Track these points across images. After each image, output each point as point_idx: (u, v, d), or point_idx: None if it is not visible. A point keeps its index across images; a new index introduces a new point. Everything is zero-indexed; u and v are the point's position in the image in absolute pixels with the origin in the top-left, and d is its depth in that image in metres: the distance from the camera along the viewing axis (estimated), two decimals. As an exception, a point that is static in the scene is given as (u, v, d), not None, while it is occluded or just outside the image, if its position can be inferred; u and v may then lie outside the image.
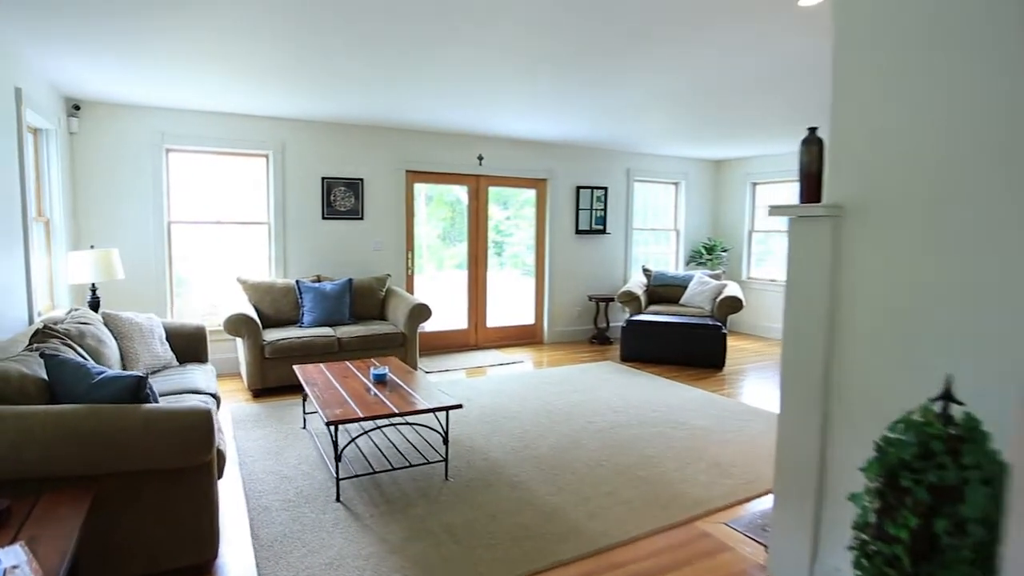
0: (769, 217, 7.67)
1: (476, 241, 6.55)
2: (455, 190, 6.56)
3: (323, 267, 5.61)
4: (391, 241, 5.93)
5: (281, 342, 4.49)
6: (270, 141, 5.28)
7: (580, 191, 7.08)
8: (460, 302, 6.66)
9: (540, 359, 6.16)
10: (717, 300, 6.41)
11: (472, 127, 5.73)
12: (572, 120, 5.31)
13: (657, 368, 5.81)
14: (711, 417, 4.22)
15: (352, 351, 4.81)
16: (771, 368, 5.88)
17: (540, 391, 4.80)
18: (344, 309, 5.10)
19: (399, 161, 5.89)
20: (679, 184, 8.06)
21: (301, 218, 5.47)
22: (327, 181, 5.53)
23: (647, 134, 6.05)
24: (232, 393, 4.64)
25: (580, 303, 7.28)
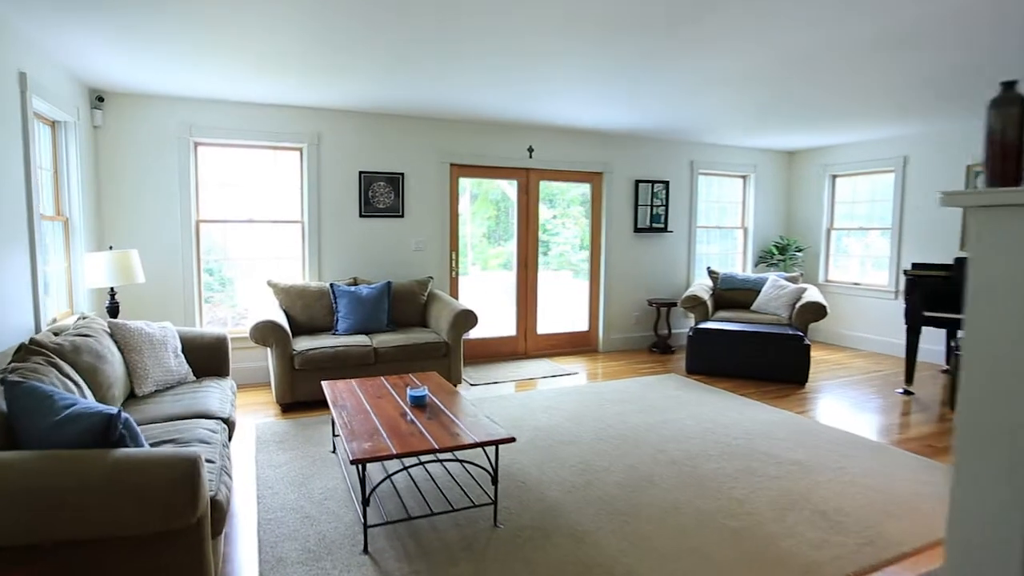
0: (849, 214, 6.85)
1: (526, 240, 6.02)
2: (501, 185, 6.05)
3: (360, 269, 5.20)
4: (434, 240, 5.47)
5: (312, 352, 4.07)
6: (304, 133, 4.89)
7: (639, 185, 6.45)
8: (507, 307, 6.14)
9: (595, 370, 5.57)
10: (796, 306, 5.68)
11: (521, 115, 5.20)
12: (635, 105, 4.71)
13: (728, 383, 5.14)
14: (804, 447, 3.55)
15: (390, 362, 4.36)
16: (861, 384, 5.11)
17: (599, 409, 4.22)
18: (382, 315, 4.66)
19: (442, 154, 5.42)
20: (747, 177, 7.32)
21: (337, 216, 5.07)
22: (365, 176, 5.11)
23: (716, 121, 5.38)
24: (259, 407, 4.25)
25: (639, 308, 6.65)
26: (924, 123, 5.56)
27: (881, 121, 5.49)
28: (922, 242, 6.17)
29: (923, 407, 4.49)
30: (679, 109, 4.88)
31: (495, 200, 6.05)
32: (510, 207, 6.06)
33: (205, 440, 2.25)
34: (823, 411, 4.37)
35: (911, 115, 5.22)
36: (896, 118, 5.36)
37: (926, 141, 6.09)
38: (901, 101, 4.67)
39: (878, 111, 5.05)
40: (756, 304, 6.11)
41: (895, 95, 4.46)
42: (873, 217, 6.76)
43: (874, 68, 3.74)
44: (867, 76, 3.92)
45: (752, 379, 5.28)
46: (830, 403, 4.58)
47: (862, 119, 5.39)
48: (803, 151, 7.35)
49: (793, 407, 4.46)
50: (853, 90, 4.28)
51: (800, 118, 5.26)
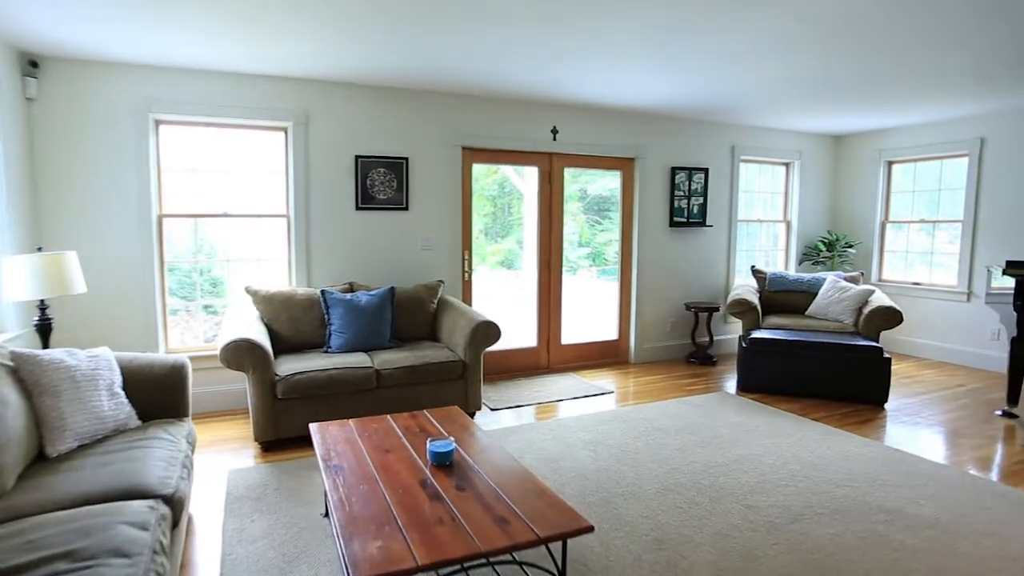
0: (908, 205, 6.04)
1: (549, 237, 5.21)
2: (506, 173, 5.24)
3: (357, 272, 4.38)
4: (443, 237, 4.65)
5: (299, 377, 3.26)
6: (290, 110, 4.07)
7: (675, 173, 5.65)
8: (519, 311, 5.33)
9: (632, 388, 4.77)
10: (864, 311, 4.90)
11: (545, 89, 4.38)
12: (673, 76, 3.89)
13: (792, 403, 4.35)
14: (928, 498, 2.76)
15: (394, 387, 3.55)
16: (947, 403, 4.33)
17: (654, 443, 3.43)
18: (384, 328, 3.85)
19: (453, 135, 4.60)
20: (791, 165, 6.53)
21: (329, 209, 4.25)
22: (362, 161, 4.29)
23: (762, 96, 4.55)
24: (235, 445, 3.43)
25: (675, 313, 5.85)
26: (1005, 98, 4.77)
27: (952, 97, 4.68)
28: (1002, 237, 5.38)
29: (1042, 435, 3.71)
30: (725, 79, 4.06)
31: (491, 197, 5.22)
32: (515, 200, 5.25)
33: (123, 551, 1.44)
34: (922, 442, 3.58)
35: (991, 89, 4.43)
36: (972, 93, 4.56)
37: (1008, 119, 5.30)
38: (982, 72, 3.87)
39: (951, 84, 4.25)
40: (813, 308, 5.32)
41: (976, 64, 3.66)
42: (938, 208, 5.97)
43: (952, 29, 2.95)
44: (944, 38, 3.12)
45: (819, 398, 4.49)
46: (924, 431, 3.80)
47: (929, 94, 4.59)
48: (853, 135, 6.56)
49: (884, 437, 3.67)
50: (924, 58, 3.49)
51: (858, 92, 4.43)
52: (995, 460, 3.31)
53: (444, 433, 2.41)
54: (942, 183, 5.94)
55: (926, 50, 3.39)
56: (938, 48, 3.36)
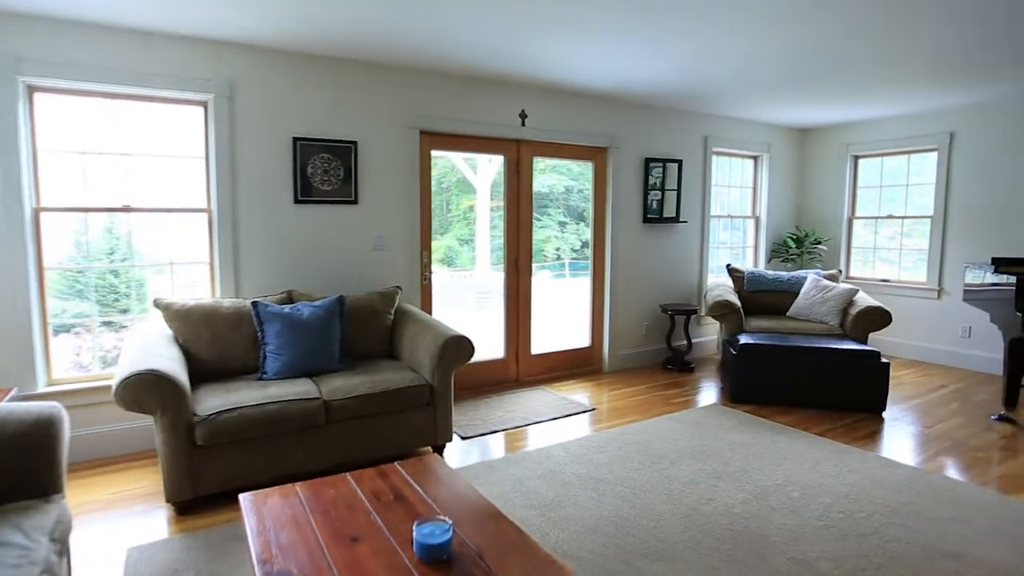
0: (875, 200, 5.86)
1: (516, 234, 4.65)
2: (454, 161, 4.66)
3: (297, 279, 3.66)
4: (399, 236, 3.99)
5: (225, 416, 2.54)
6: (211, 79, 3.30)
7: (650, 165, 5.21)
8: (484, 318, 4.76)
9: (612, 402, 4.29)
10: (852, 312, 4.63)
11: (511, 66, 3.81)
12: (660, 50, 3.42)
13: (788, 415, 3.99)
14: (990, 534, 2.41)
15: (348, 421, 2.89)
16: (940, 407, 4.09)
17: (660, 476, 2.93)
18: (332, 346, 3.17)
19: (410, 117, 3.95)
20: (759, 159, 6.26)
21: (261, 202, 3.51)
22: (302, 145, 3.57)
23: (737, 80, 4.15)
24: (141, 504, 2.67)
25: (650, 315, 5.43)
26: (976, 92, 4.61)
27: (922, 89, 4.49)
28: (972, 233, 5.27)
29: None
30: (705, 56, 3.62)
31: (438, 176, 4.59)
32: (458, 194, 4.69)
33: None
34: (941, 460, 3.27)
35: (961, 81, 4.25)
36: (941, 86, 4.38)
37: (979, 112, 5.18)
38: (953, 63, 3.68)
39: (921, 75, 4.05)
40: (795, 309, 5.03)
41: (946, 54, 3.46)
42: (906, 204, 5.84)
43: (930, 17, 2.65)
44: (916, 25, 2.86)
45: (815, 408, 4.16)
46: (934, 445, 3.50)
47: (900, 85, 4.37)
48: (819, 128, 6.36)
49: (898, 453, 3.35)
50: (896, 43, 3.27)
51: (830, 75, 4.12)
52: (1014, 473, 3.03)
53: (427, 500, 1.80)
54: (910, 178, 5.81)
55: (898, 35, 3.19)
56: (910, 34, 3.17)
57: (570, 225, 5.42)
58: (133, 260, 3.38)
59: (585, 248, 5.46)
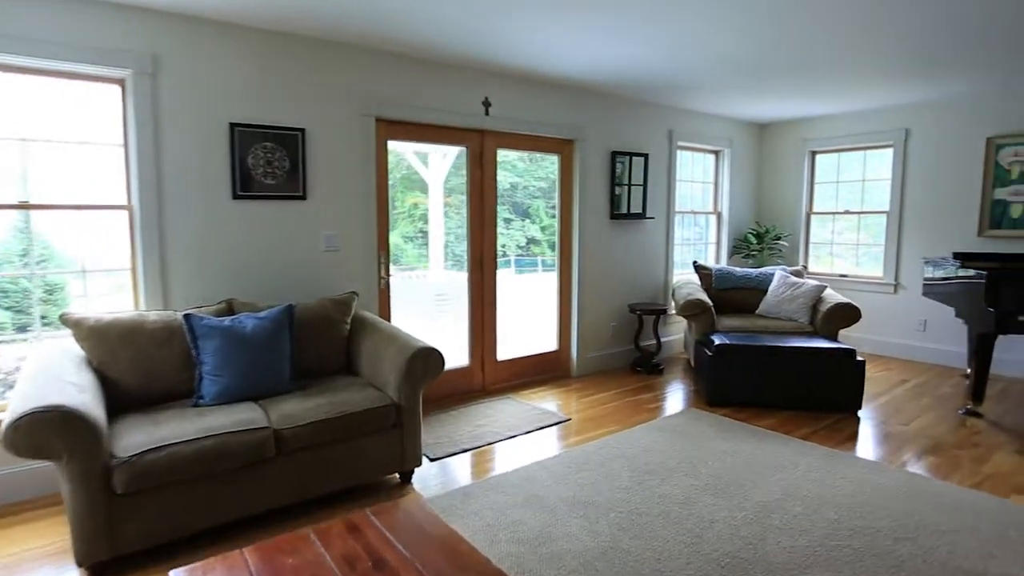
0: (832, 196, 5.87)
1: (480, 231, 4.32)
2: (402, 153, 4.32)
3: (238, 286, 3.21)
4: (354, 234, 3.59)
5: (152, 457, 2.11)
6: (130, 51, 2.81)
7: (617, 158, 5.00)
8: (446, 324, 4.43)
9: (585, 410, 4.05)
10: (822, 309, 4.57)
11: (474, 48, 3.49)
12: (634, 32, 3.19)
13: (767, 417, 3.87)
14: (1001, 544, 2.30)
15: (303, 451, 2.50)
16: (910, 403, 4.06)
17: (652, 495, 2.70)
18: (281, 363, 2.76)
19: (365, 103, 3.55)
20: (721, 154, 6.17)
21: (193, 197, 3.04)
22: (241, 132, 3.11)
23: (702, 70, 3.99)
24: (44, 569, 2.20)
25: (618, 316, 5.22)
26: (930, 88, 4.65)
27: (879, 84, 4.50)
28: (927, 228, 5.35)
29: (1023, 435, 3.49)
30: (674, 44, 3.42)
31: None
32: (404, 190, 4.36)
33: None
34: (926, 461, 3.20)
35: (917, 79, 4.28)
36: (898, 82, 4.40)
37: (933, 110, 5.24)
38: (910, 61, 3.72)
39: (881, 70, 4.07)
40: (764, 307, 4.94)
41: (905, 53, 3.51)
42: (862, 200, 5.88)
43: (889, 15, 2.61)
44: (879, 23, 2.82)
45: (792, 409, 4.05)
46: (913, 444, 3.44)
47: (859, 80, 4.36)
48: (778, 123, 6.34)
49: (884, 455, 3.25)
50: (858, 42, 3.25)
51: (789, 73, 4.06)
52: (1013, 479, 2.98)
53: (415, 566, 1.47)
54: (866, 174, 5.86)
55: (858, 31, 3.18)
56: (870, 30, 3.16)
57: (515, 222, 5.19)
58: (52, 264, 2.85)
59: (532, 245, 5.23)
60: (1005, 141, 4.91)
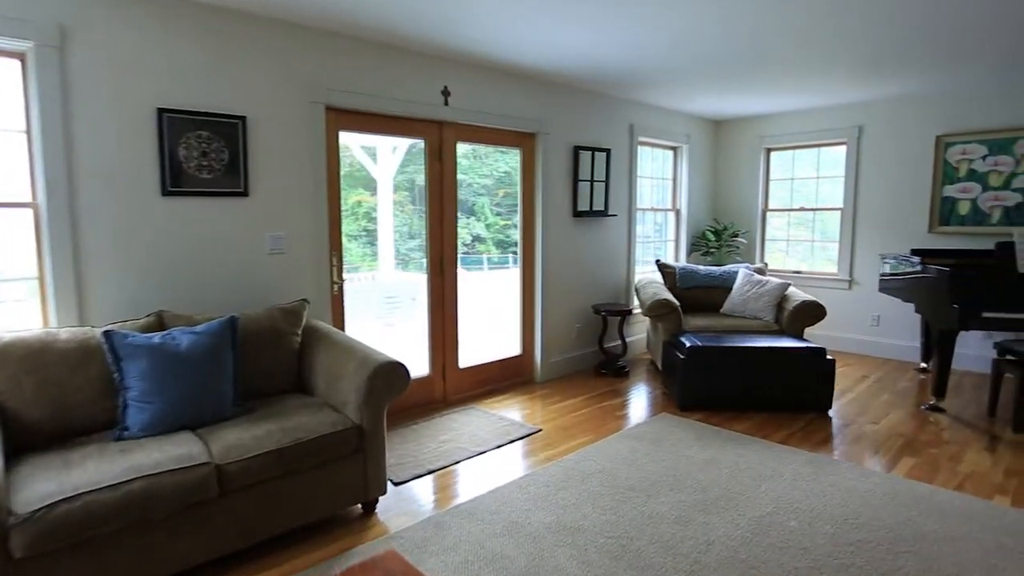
0: (787, 193, 5.90)
1: (440, 230, 4.04)
2: (348, 142, 4.01)
3: (170, 296, 2.80)
4: (302, 235, 3.24)
5: (61, 510, 1.74)
6: (32, 21, 2.37)
7: (579, 154, 4.81)
8: (402, 330, 4.13)
9: (555, 419, 3.84)
10: (787, 307, 4.53)
11: (434, 32, 3.21)
12: (604, 18, 3.00)
13: (742, 420, 3.77)
14: (1000, 551, 2.23)
15: (252, 488, 2.17)
16: (873, 400, 4.07)
17: (640, 516, 2.51)
18: (223, 385, 2.40)
19: (314, 89, 3.19)
20: (679, 150, 6.10)
21: (114, 194, 2.62)
22: (170, 118, 2.71)
23: (666, 61, 3.87)
24: (-69, 644, 1.78)
25: (582, 317, 5.05)
26: (883, 86, 4.72)
27: (834, 81, 4.54)
28: (880, 225, 5.44)
29: (987, 430, 3.51)
30: (641, 32, 3.28)
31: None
32: (350, 187, 4.05)
33: None
34: (906, 463, 3.16)
35: (871, 76, 4.33)
36: (852, 79, 4.44)
37: (885, 108, 5.33)
38: (864, 59, 3.81)
39: (837, 68, 4.10)
40: (729, 305, 4.87)
41: (855, 49, 3.58)
42: (816, 197, 5.94)
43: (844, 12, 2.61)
44: (833, 20, 2.84)
45: (764, 410, 3.98)
46: (888, 443, 3.41)
47: (812, 78, 4.38)
48: (734, 120, 6.33)
49: (864, 458, 3.20)
50: (807, 38, 3.29)
51: (749, 61, 4.00)
52: (991, 478, 2.96)
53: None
54: (820, 171, 5.92)
55: (813, 27, 3.18)
56: (825, 27, 3.18)
57: (460, 219, 4.97)
58: (-88, 277, 2.37)
59: (477, 243, 5.00)
60: (953, 139, 5.03)
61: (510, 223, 4.63)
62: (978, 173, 4.95)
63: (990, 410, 3.94)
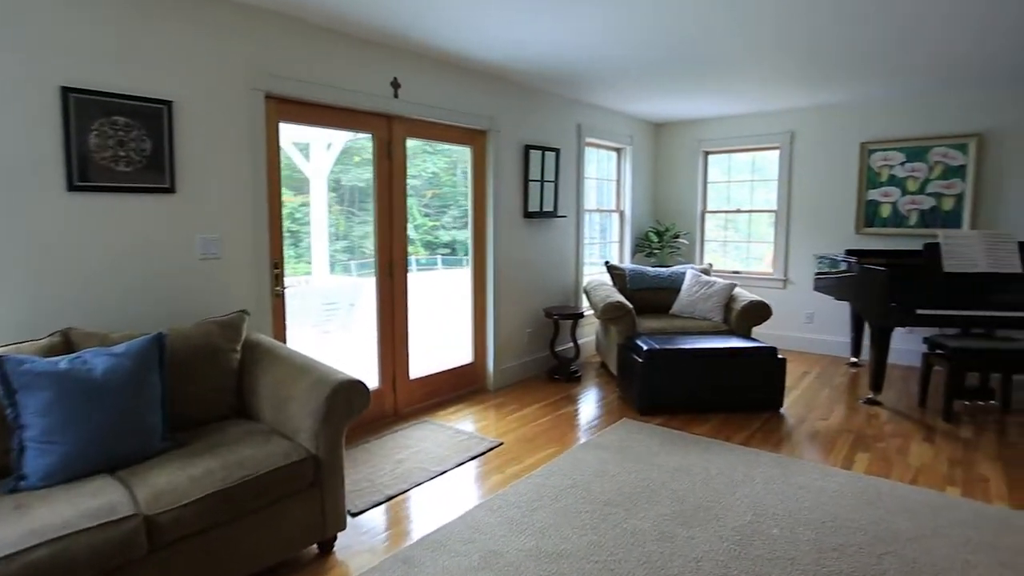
0: (724, 195, 6.06)
1: (390, 232, 3.76)
2: (286, 144, 3.69)
3: (79, 310, 2.37)
4: (239, 237, 2.87)
5: (-52, 588, 1.37)
6: None
7: (530, 153, 4.65)
8: (343, 339, 3.83)
9: (513, 429, 3.67)
10: (735, 308, 4.59)
11: (383, 16, 2.94)
12: (547, 10, 2.88)
13: (701, 423, 3.76)
14: (976, 547, 2.27)
15: (190, 539, 1.84)
16: (816, 395, 4.19)
17: (622, 534, 2.38)
18: (149, 416, 2.04)
19: (252, 74, 2.83)
20: (623, 151, 6.10)
21: (6, 189, 2.17)
22: (79, 101, 2.28)
23: (613, 58, 3.83)
24: None
25: (533, 321, 4.90)
26: (813, 94, 4.93)
27: (765, 90, 4.72)
28: (812, 226, 5.66)
29: (921, 421, 3.67)
30: (608, 22, 3.21)
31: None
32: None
33: None
34: (863, 459, 3.23)
35: (803, 84, 4.52)
36: (786, 87, 4.62)
37: (815, 115, 5.55)
38: (797, 67, 3.97)
39: (773, 76, 4.26)
40: (678, 306, 4.89)
41: (787, 57, 3.74)
42: (752, 199, 6.12)
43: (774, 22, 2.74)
44: (766, 28, 2.96)
45: (720, 411, 3.99)
46: (840, 439, 3.49)
47: (744, 84, 4.51)
48: (673, 123, 6.41)
49: (826, 457, 3.24)
50: (742, 45, 3.42)
51: (687, 73, 4.10)
52: (938, 469, 3.07)
53: None
54: (755, 174, 6.09)
55: (749, 35, 3.28)
56: (761, 35, 3.28)
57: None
58: None
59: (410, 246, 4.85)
60: (875, 146, 5.30)
61: (439, 224, 4.42)
62: (897, 178, 5.24)
63: (920, 401, 4.15)
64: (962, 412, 3.99)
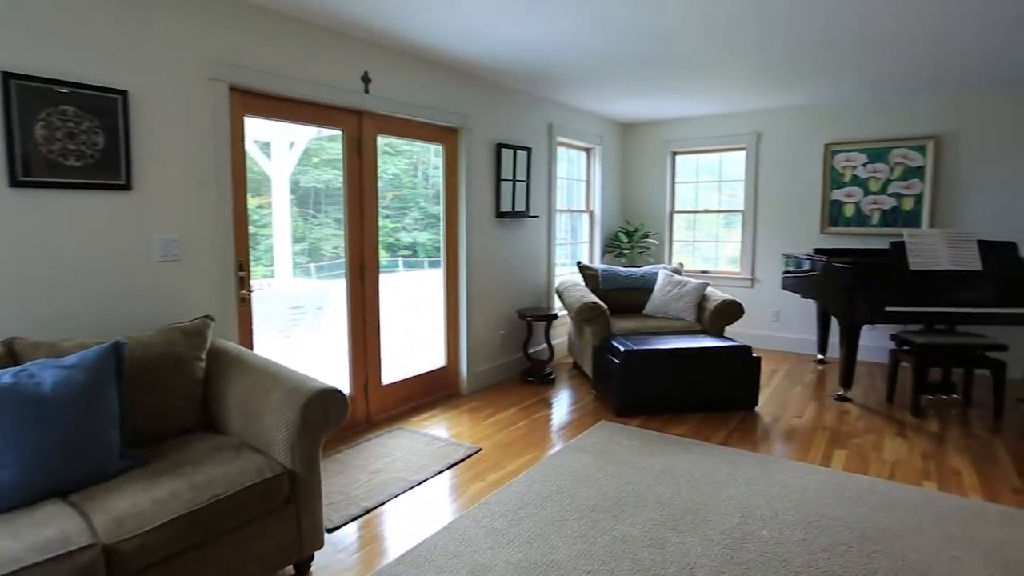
0: (692, 195, 6.12)
1: (360, 232, 3.61)
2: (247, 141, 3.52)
3: (24, 318, 2.16)
4: (200, 237, 2.68)
5: None
6: None
7: (502, 152, 4.57)
8: (310, 343, 3.68)
9: (491, 435, 3.58)
10: (708, 307, 4.61)
11: (356, 6, 2.82)
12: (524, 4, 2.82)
13: (679, 423, 3.75)
14: (964, 543, 2.30)
15: (156, 566, 1.68)
16: (788, 392, 4.25)
17: (613, 542, 2.32)
18: (106, 432, 1.86)
19: (215, 64, 2.65)
20: (592, 151, 6.08)
21: (-68, 185, 1.96)
22: (21, 88, 2.08)
23: (583, 55, 3.81)
24: None
25: (506, 323, 4.81)
26: (778, 95, 5.02)
27: (732, 92, 4.80)
28: (778, 226, 5.76)
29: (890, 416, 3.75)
30: (583, 14, 3.17)
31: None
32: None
33: None
34: (840, 456, 3.26)
35: (769, 86, 4.60)
36: (748, 88, 4.70)
37: (781, 116, 5.65)
38: (757, 68, 4.05)
39: (735, 77, 4.31)
40: (651, 307, 4.88)
41: (752, 59, 3.81)
42: (719, 199, 6.19)
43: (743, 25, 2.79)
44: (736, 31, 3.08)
45: (697, 411, 3.99)
46: (818, 437, 3.53)
47: (712, 85, 4.56)
48: (641, 124, 6.43)
49: (806, 454, 3.26)
50: (710, 44, 3.50)
51: (658, 74, 4.12)
52: (913, 464, 3.13)
53: None
54: (722, 174, 6.16)
55: (719, 37, 3.34)
56: (730, 38, 3.34)
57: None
58: None
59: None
60: (838, 147, 5.42)
61: (400, 226, 4.30)
62: (860, 179, 5.37)
63: (888, 396, 4.25)
64: (927, 406, 4.10)
